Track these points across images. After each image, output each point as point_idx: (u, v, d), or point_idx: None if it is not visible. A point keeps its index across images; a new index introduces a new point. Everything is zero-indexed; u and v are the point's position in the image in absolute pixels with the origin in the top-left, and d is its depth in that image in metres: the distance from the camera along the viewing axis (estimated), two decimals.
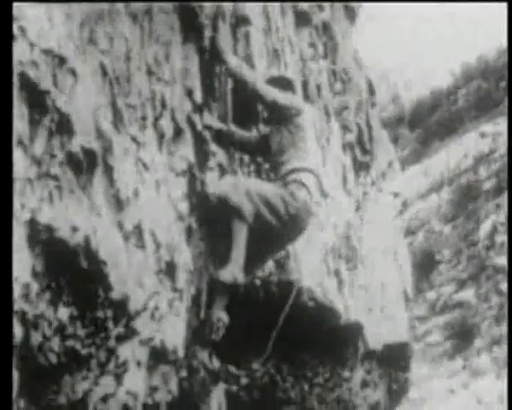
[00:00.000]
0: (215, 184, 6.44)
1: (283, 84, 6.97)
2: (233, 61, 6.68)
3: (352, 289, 9.63)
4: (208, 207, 6.34)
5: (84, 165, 4.56)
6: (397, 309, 11.38)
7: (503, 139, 25.87)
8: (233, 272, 6.25)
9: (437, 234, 25.09)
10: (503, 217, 22.99)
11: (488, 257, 23.08)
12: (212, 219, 6.43)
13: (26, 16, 4.17)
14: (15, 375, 4.09)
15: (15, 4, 4.05)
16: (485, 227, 23.89)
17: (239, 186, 6.36)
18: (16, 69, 4.04)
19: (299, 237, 6.94)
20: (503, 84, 29.59)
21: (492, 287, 22.07)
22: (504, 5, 12.12)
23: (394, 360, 11.59)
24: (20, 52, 4.10)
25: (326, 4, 10.00)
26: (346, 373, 9.79)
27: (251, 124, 7.40)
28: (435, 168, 27.56)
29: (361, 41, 12.37)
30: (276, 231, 6.50)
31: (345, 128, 10.24)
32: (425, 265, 23.65)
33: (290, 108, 6.68)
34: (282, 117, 6.72)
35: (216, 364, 7.20)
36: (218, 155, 6.78)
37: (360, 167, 10.51)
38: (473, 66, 33.31)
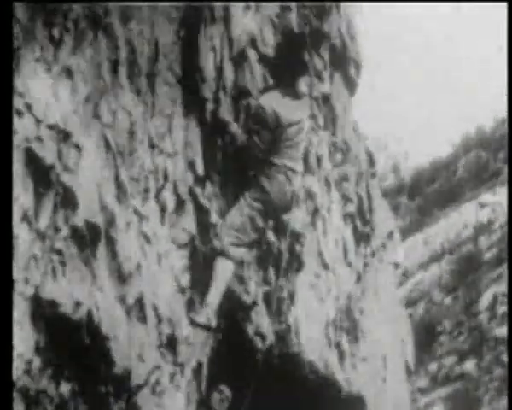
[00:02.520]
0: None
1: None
2: (233, 128, 6.72)
3: (354, 361, 9.55)
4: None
5: (88, 239, 4.57)
6: (398, 381, 11.27)
7: (503, 209, 25.86)
8: (208, 315, 6.22)
9: (438, 305, 24.95)
10: (503, 287, 22.86)
11: (490, 328, 22.90)
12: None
13: (31, 93, 4.23)
14: None
15: (21, 81, 4.11)
16: (486, 298, 23.77)
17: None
18: (22, 145, 4.08)
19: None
20: (502, 154, 29.74)
21: (494, 358, 21.86)
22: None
23: None
24: (26, 128, 4.14)
25: (326, 76, 10.09)
26: None
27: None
28: (435, 238, 27.53)
29: (360, 111, 12.43)
30: None
31: (345, 199, 10.25)
32: (426, 336, 23.46)
33: (291, 132, 6.74)
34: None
35: None
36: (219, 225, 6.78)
37: (360, 238, 10.49)
38: (472, 136, 33.52)
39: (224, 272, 6.32)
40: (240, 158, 6.82)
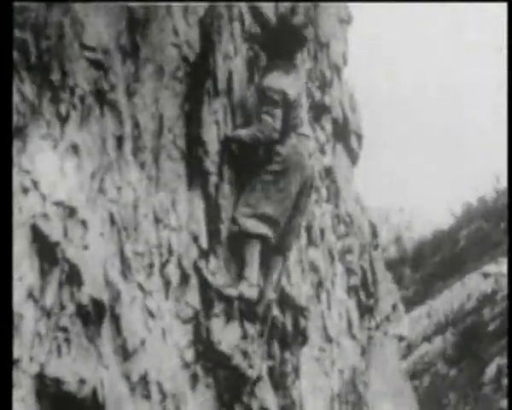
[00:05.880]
0: None
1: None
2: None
3: None
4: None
5: (93, 315, 4.56)
6: None
7: (506, 280, 25.79)
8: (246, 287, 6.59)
9: (443, 377, 24.75)
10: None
11: (495, 400, 22.69)
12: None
13: (37, 169, 4.27)
14: None
15: (27, 158, 4.14)
16: (491, 370, 23.58)
17: None
18: (28, 222, 4.10)
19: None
20: (504, 225, 29.74)
21: None
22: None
23: None
24: (33, 205, 4.16)
25: (328, 148, 10.17)
26: None
27: None
28: (439, 310, 27.40)
29: (362, 181, 12.49)
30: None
31: (349, 271, 10.25)
32: (432, 409, 23.23)
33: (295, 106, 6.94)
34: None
35: None
36: (223, 301, 6.76)
37: (365, 311, 10.46)
38: (473, 206, 33.59)
39: None
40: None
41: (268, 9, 7.44)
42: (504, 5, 7.23)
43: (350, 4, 11.02)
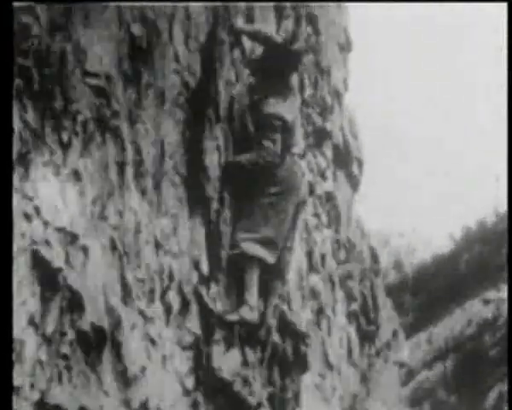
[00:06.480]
0: None
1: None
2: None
3: None
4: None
5: (94, 342, 4.55)
6: None
7: (507, 306, 25.70)
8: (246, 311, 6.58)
9: (443, 404, 24.64)
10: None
11: None
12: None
13: (40, 196, 4.27)
14: None
15: (30, 185, 4.15)
16: (492, 396, 23.48)
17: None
18: (29, 248, 4.10)
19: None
20: (504, 250, 29.67)
21: None
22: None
23: None
24: (34, 231, 4.16)
25: (329, 174, 10.18)
26: None
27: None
28: (439, 336, 27.27)
29: (362, 207, 12.48)
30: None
31: (349, 297, 10.23)
32: None
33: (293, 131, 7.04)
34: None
35: None
36: (224, 327, 6.75)
37: (365, 337, 10.44)
38: (473, 230, 33.51)
39: None
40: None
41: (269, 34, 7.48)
42: (504, 5, 7.24)
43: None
